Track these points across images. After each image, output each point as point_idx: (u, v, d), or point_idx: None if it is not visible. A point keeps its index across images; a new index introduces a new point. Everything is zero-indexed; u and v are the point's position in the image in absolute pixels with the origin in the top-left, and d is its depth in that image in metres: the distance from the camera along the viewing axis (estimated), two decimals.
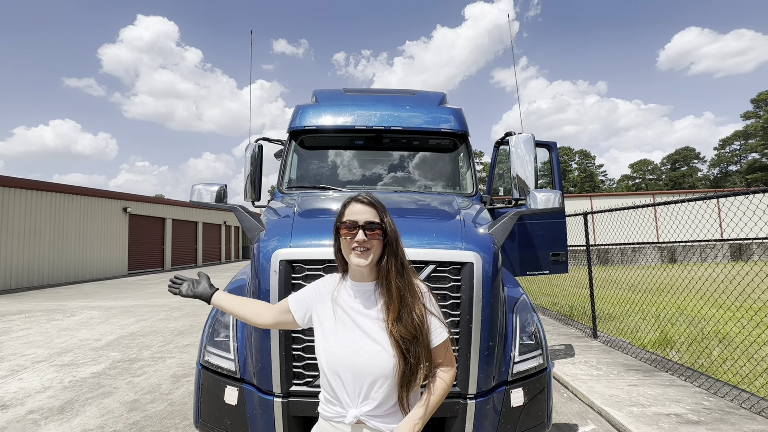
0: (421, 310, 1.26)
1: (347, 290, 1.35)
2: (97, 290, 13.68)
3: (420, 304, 1.27)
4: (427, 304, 1.30)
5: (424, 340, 1.23)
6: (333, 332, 1.30)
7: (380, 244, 1.29)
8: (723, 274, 9.37)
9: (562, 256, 4.31)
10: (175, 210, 25.54)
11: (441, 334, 1.29)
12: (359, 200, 1.33)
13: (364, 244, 1.26)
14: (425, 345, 1.23)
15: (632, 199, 24.85)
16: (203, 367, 2.35)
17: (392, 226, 1.32)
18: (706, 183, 66.12)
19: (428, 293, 1.34)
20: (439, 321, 1.30)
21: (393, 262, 1.28)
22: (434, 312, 1.30)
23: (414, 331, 1.22)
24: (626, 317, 6.90)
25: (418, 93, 4.40)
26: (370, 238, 1.27)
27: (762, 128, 57.48)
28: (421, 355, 1.22)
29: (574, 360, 4.67)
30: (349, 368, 1.24)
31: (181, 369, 4.82)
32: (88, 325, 7.61)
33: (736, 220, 6.54)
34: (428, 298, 1.32)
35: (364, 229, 1.27)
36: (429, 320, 1.27)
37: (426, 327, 1.25)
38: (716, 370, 4.17)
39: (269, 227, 2.41)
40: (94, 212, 18.62)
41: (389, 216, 1.34)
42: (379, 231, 1.28)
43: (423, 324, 1.24)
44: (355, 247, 1.27)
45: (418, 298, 1.28)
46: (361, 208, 1.31)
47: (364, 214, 1.29)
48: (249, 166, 3.91)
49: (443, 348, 1.30)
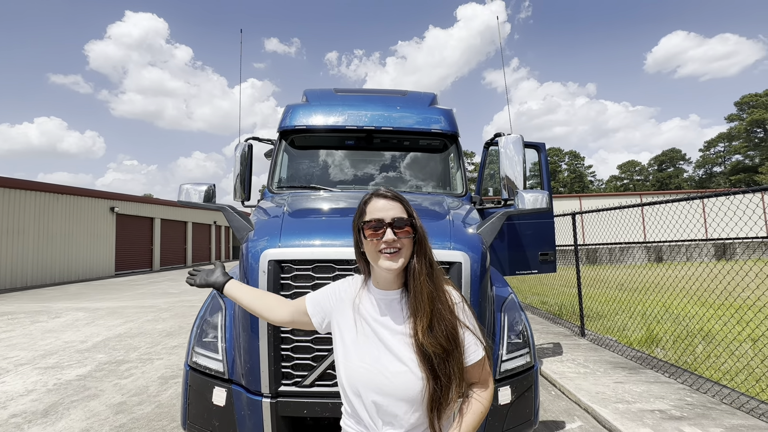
0: (453, 321, 1.09)
1: (370, 298, 1.20)
2: (83, 291, 13.44)
3: (452, 314, 1.10)
4: (460, 315, 1.13)
5: (456, 356, 1.07)
6: (354, 347, 1.15)
7: (411, 243, 1.13)
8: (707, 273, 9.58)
9: (551, 255, 4.37)
10: (164, 210, 25.20)
11: (476, 352, 1.12)
12: (382, 195, 1.17)
13: (394, 244, 1.10)
14: (458, 362, 1.07)
15: (620, 199, 25.24)
16: (191, 368, 2.33)
17: (421, 223, 1.16)
18: (691, 184, 67.47)
19: (462, 302, 1.16)
20: (474, 336, 1.13)
21: (423, 263, 1.12)
22: (469, 325, 1.13)
23: (446, 344, 1.06)
24: (613, 316, 7.01)
25: (408, 93, 4.41)
26: (400, 237, 1.10)
27: (745, 130, 58.90)
28: (453, 373, 1.05)
29: (562, 358, 4.74)
30: (372, 389, 1.09)
31: (170, 371, 4.77)
32: (74, 326, 7.48)
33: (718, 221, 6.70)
34: (462, 309, 1.15)
35: (392, 227, 1.10)
36: (463, 334, 1.11)
37: (459, 341, 1.09)
38: (699, 366, 4.26)
39: (258, 227, 2.40)
40: (81, 212, 18.28)
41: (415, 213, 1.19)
42: (409, 228, 1.12)
43: (456, 337, 1.08)
44: (383, 249, 1.10)
45: (450, 307, 1.11)
46: (386, 203, 1.14)
47: (391, 210, 1.13)
48: (239, 165, 3.89)
49: (478, 366, 1.13)
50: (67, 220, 17.53)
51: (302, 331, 2.05)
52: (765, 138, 57.97)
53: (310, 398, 2.02)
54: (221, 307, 2.51)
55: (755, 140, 58.95)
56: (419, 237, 1.14)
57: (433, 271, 1.13)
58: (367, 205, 1.17)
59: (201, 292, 12.66)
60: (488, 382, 1.17)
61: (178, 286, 14.68)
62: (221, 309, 2.49)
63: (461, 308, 1.14)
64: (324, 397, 2.02)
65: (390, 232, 1.10)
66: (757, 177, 50.34)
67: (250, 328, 2.08)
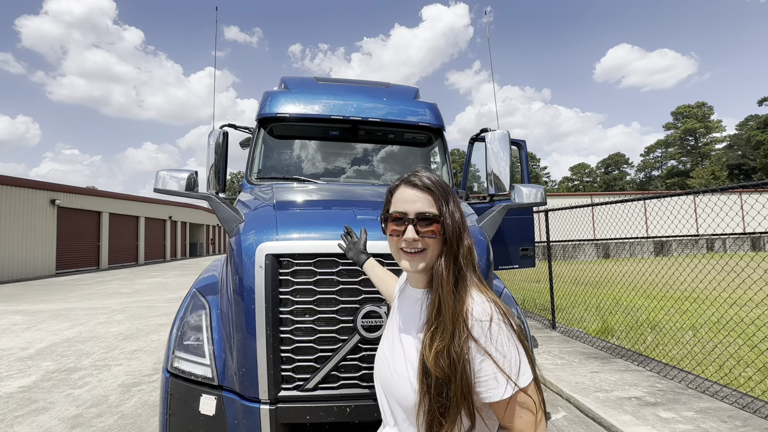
0: (461, 345, 0.87)
1: (405, 292, 1.10)
2: (19, 292, 12.10)
3: (463, 336, 0.88)
4: (481, 338, 0.87)
5: (460, 385, 0.86)
6: (384, 336, 1.12)
7: (439, 243, 0.96)
8: (650, 268, 10.38)
9: (530, 251, 4.48)
10: (112, 203, 23.33)
11: (495, 389, 0.86)
12: (410, 182, 1.00)
13: (415, 243, 0.96)
14: (462, 392, 0.85)
15: (573, 199, 26.79)
16: (171, 374, 2.10)
17: (456, 218, 0.97)
18: (633, 186, 73.16)
19: (489, 324, 0.88)
20: (497, 369, 0.86)
21: (450, 269, 0.94)
22: (492, 353, 0.86)
23: (446, 369, 0.86)
24: (571, 309, 7.39)
25: (392, 86, 4.34)
26: (423, 236, 0.95)
27: (679, 138, 64.73)
28: (453, 404, 0.86)
29: (539, 350, 4.89)
30: (381, 383, 1.05)
31: (131, 377, 4.36)
32: (11, 331, 6.68)
33: (657, 220, 7.24)
34: (487, 330, 0.87)
35: (415, 224, 0.96)
36: (477, 362, 0.87)
37: (466, 369, 0.86)
38: (650, 354, 4.57)
39: (249, 219, 2.21)
40: (15, 204, 16.44)
41: (455, 203, 1.00)
42: (436, 226, 0.95)
43: (458, 364, 0.86)
44: (404, 247, 0.97)
45: (462, 325, 0.88)
46: (414, 194, 0.98)
47: (417, 203, 0.97)
48: (213, 154, 3.62)
49: (501, 408, 0.87)
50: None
51: (304, 331, 1.91)
52: (696, 146, 64.04)
53: (313, 403, 1.88)
54: (204, 306, 2.29)
55: (687, 147, 64.97)
56: (449, 237, 0.95)
57: (460, 280, 0.94)
58: (394, 193, 1.04)
59: (158, 291, 11.84)
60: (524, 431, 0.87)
61: (131, 285, 13.64)
62: (205, 308, 2.27)
63: (485, 329, 0.87)
64: (328, 401, 1.89)
65: (411, 229, 0.96)
66: (689, 181, 55.48)
67: (246, 328, 1.90)
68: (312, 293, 1.91)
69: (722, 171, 54.69)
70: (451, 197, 0.99)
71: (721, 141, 62.14)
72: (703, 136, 63.31)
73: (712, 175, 52.59)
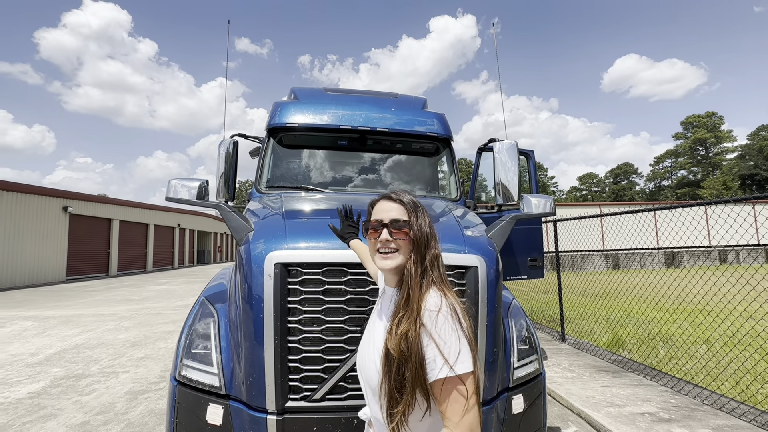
0: (415, 330, 1.02)
1: (383, 294, 1.28)
2: (30, 298, 12.27)
3: (417, 322, 1.03)
4: (428, 323, 1.03)
5: (412, 366, 1.00)
6: (366, 327, 1.30)
7: (408, 246, 1.16)
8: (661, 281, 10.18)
9: (539, 261, 4.43)
10: (123, 210, 23.67)
11: (433, 371, 0.99)
12: (387, 197, 1.24)
13: (388, 244, 1.15)
14: (415, 373, 1.00)
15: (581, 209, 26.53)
16: (179, 382, 2.10)
17: (424, 228, 1.17)
18: (642, 196, 72.31)
19: (437, 314, 1.04)
20: (438, 352, 1.00)
21: (415, 265, 1.13)
22: (435, 338, 1.01)
23: (403, 350, 1.02)
24: (580, 320, 7.26)
25: (400, 96, 4.37)
26: (396, 238, 1.15)
27: (689, 148, 64.03)
28: (408, 382, 1.00)
29: (548, 363, 4.80)
30: (359, 370, 1.24)
31: (138, 385, 4.37)
32: (22, 337, 6.75)
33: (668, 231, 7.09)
34: (434, 318, 1.04)
35: (389, 228, 1.16)
36: (424, 345, 1.02)
37: (418, 352, 1.01)
38: (663, 368, 4.46)
39: (259, 227, 2.23)
40: (28, 211, 16.76)
41: (424, 216, 1.19)
42: (407, 230, 1.16)
43: (412, 347, 1.01)
44: (380, 248, 1.18)
45: (417, 315, 1.05)
46: (388, 205, 1.21)
47: (392, 212, 1.19)
48: (223, 163, 3.66)
49: (437, 388, 1.00)
50: (13, 220, 16.01)
51: (312, 341, 1.90)
52: (706, 156, 63.28)
53: (321, 414, 1.86)
54: (213, 314, 2.30)
55: (698, 157, 64.21)
56: (416, 240, 1.15)
57: (425, 277, 1.12)
58: (373, 206, 1.26)
59: (166, 298, 11.92)
60: (455, 421, 0.97)
61: (140, 292, 13.75)
62: (213, 316, 2.28)
63: (433, 318, 1.03)
64: (336, 412, 1.87)
65: (386, 232, 1.16)
66: (700, 191, 54.70)
67: (254, 337, 1.89)
68: (320, 303, 1.91)
69: (734, 181, 53.86)
70: (422, 212, 1.20)
71: (732, 151, 61.35)
72: (713, 146, 62.58)
73: (724, 186, 51.82)
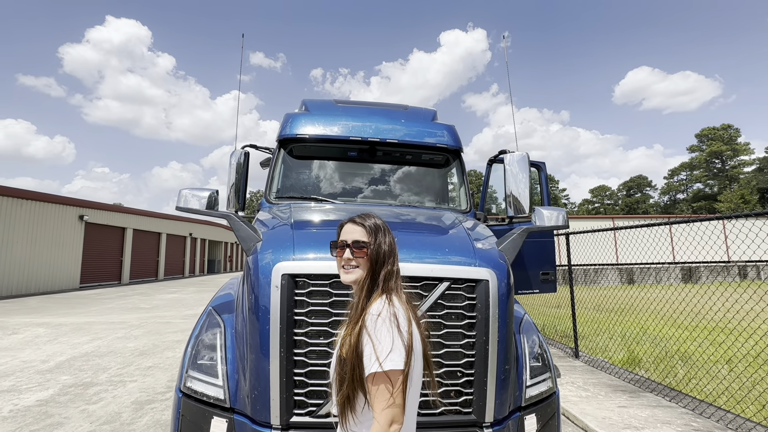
0: (357, 332, 1.20)
1: None
2: (44, 305, 12.46)
3: (359, 324, 1.21)
4: (369, 326, 1.18)
5: (353, 364, 1.18)
6: None
7: (367, 263, 1.31)
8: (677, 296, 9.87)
9: (551, 275, 4.33)
10: (137, 219, 24.09)
11: (366, 366, 1.15)
12: (353, 221, 1.39)
13: (350, 262, 1.32)
14: (355, 371, 1.17)
15: (593, 222, 26.09)
16: (184, 394, 2.08)
17: (383, 248, 1.33)
18: (657, 209, 70.93)
19: (377, 317, 1.19)
20: (372, 351, 1.15)
21: (366, 281, 1.30)
22: (372, 337, 1.17)
23: (347, 350, 1.20)
24: (594, 336, 7.05)
25: (410, 108, 4.37)
26: (356, 257, 1.31)
27: (705, 161, 62.85)
28: (347, 379, 1.18)
29: (561, 381, 4.65)
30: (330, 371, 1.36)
31: (145, 394, 4.35)
32: (34, 344, 6.83)
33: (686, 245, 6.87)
34: (373, 321, 1.19)
35: (351, 248, 1.32)
36: (363, 344, 1.18)
37: (358, 351, 1.17)
38: (683, 388, 4.27)
39: (267, 238, 2.22)
40: (46, 219, 17.18)
41: (384, 237, 1.35)
42: (365, 250, 1.31)
43: (353, 346, 1.19)
44: (343, 265, 1.34)
45: (360, 319, 1.23)
46: (352, 228, 1.37)
47: (354, 233, 1.35)
48: (234, 173, 3.69)
49: (369, 382, 1.15)
50: (31, 227, 16.41)
51: (318, 354, 1.86)
52: (722, 169, 61.99)
53: (326, 430, 1.81)
54: (219, 324, 2.28)
55: (714, 170, 62.93)
56: (373, 258, 1.31)
57: (372, 290, 1.28)
58: (342, 228, 1.41)
59: (176, 307, 11.99)
60: (378, 411, 1.12)
61: (150, 300, 13.88)
62: (220, 327, 2.27)
63: (373, 320, 1.19)
64: None
65: (348, 252, 1.32)
66: (717, 205, 53.41)
67: (260, 349, 1.87)
68: (327, 315, 1.88)
69: (753, 195, 52.52)
70: (381, 233, 1.35)
71: (750, 164, 59.98)
72: (730, 159, 61.31)
73: (742, 199, 50.54)
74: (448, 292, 1.95)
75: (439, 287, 1.94)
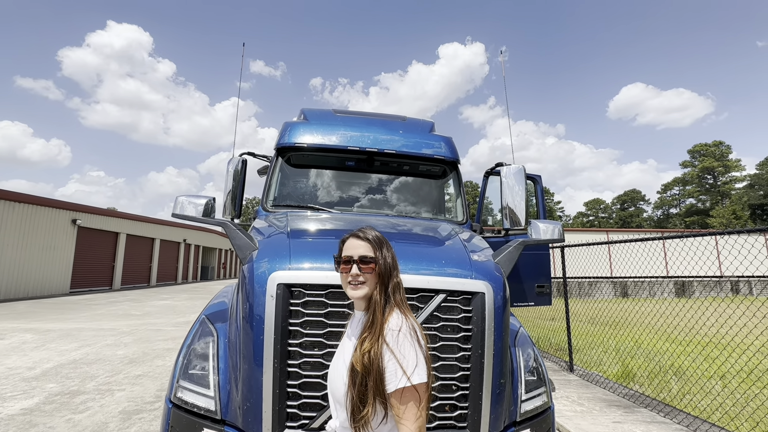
0: (377, 347, 1.20)
1: (353, 318, 1.42)
2: (32, 310, 12.23)
3: (380, 340, 1.21)
4: (390, 341, 1.20)
5: (374, 378, 1.17)
6: (338, 348, 1.42)
7: (375, 278, 1.32)
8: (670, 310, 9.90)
9: (546, 288, 4.33)
10: (130, 224, 23.87)
11: (392, 382, 1.17)
12: (356, 235, 1.39)
13: (357, 278, 1.31)
14: (376, 384, 1.17)
15: (588, 235, 26.23)
16: (174, 405, 2.04)
17: (388, 261, 1.35)
18: (650, 223, 71.57)
19: (398, 333, 1.22)
20: (397, 366, 1.17)
21: (380, 294, 1.31)
22: (396, 353, 1.19)
23: (367, 363, 1.19)
24: (588, 350, 7.03)
25: (408, 119, 4.41)
26: (364, 272, 1.31)
27: (697, 176, 63.75)
28: (370, 394, 1.17)
29: (556, 395, 4.61)
30: (328, 384, 1.37)
31: (133, 404, 4.26)
32: (20, 350, 6.68)
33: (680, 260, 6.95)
34: (396, 336, 1.21)
35: (358, 264, 1.32)
36: (386, 360, 1.19)
37: (380, 365, 1.18)
38: (677, 404, 4.26)
39: (263, 246, 2.20)
40: (38, 223, 16.97)
41: (388, 250, 1.37)
42: (373, 265, 1.32)
43: (374, 361, 1.18)
44: (350, 281, 1.33)
45: (380, 334, 1.23)
46: (357, 243, 1.37)
47: (360, 249, 1.34)
48: (231, 181, 3.68)
49: (395, 399, 1.17)
50: (22, 230, 16.19)
51: (312, 365, 1.84)
52: (714, 184, 62.86)
53: None
54: (212, 333, 2.25)
55: (706, 186, 63.81)
56: (381, 272, 1.32)
57: (388, 304, 1.29)
58: (344, 243, 1.40)
59: (167, 314, 11.81)
60: (407, 426, 1.15)
61: (141, 307, 13.67)
62: (212, 336, 2.23)
63: (395, 336, 1.21)
64: None
65: (355, 267, 1.31)
66: (709, 220, 53.99)
67: (253, 359, 1.84)
68: (322, 326, 1.86)
69: (744, 211, 53.22)
70: (385, 246, 1.37)
71: (741, 180, 60.92)
72: (721, 175, 62.23)
73: (734, 215, 51.18)
74: (444, 304, 1.95)
75: (435, 299, 1.93)
